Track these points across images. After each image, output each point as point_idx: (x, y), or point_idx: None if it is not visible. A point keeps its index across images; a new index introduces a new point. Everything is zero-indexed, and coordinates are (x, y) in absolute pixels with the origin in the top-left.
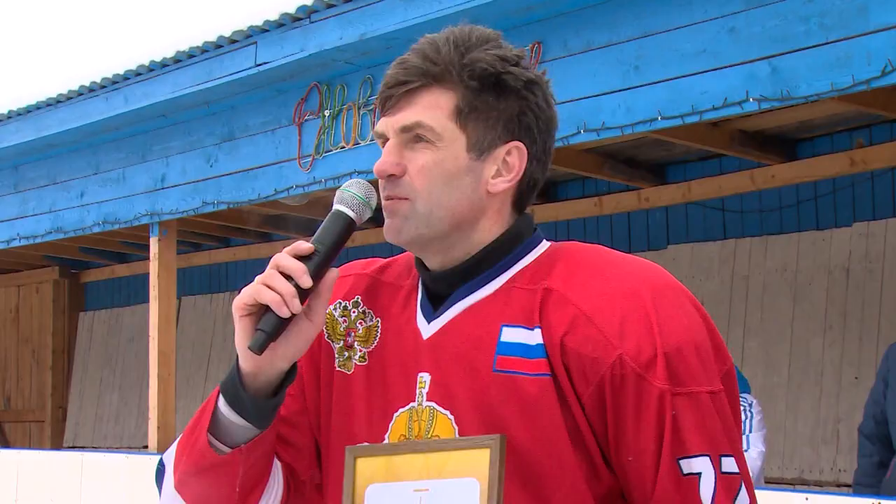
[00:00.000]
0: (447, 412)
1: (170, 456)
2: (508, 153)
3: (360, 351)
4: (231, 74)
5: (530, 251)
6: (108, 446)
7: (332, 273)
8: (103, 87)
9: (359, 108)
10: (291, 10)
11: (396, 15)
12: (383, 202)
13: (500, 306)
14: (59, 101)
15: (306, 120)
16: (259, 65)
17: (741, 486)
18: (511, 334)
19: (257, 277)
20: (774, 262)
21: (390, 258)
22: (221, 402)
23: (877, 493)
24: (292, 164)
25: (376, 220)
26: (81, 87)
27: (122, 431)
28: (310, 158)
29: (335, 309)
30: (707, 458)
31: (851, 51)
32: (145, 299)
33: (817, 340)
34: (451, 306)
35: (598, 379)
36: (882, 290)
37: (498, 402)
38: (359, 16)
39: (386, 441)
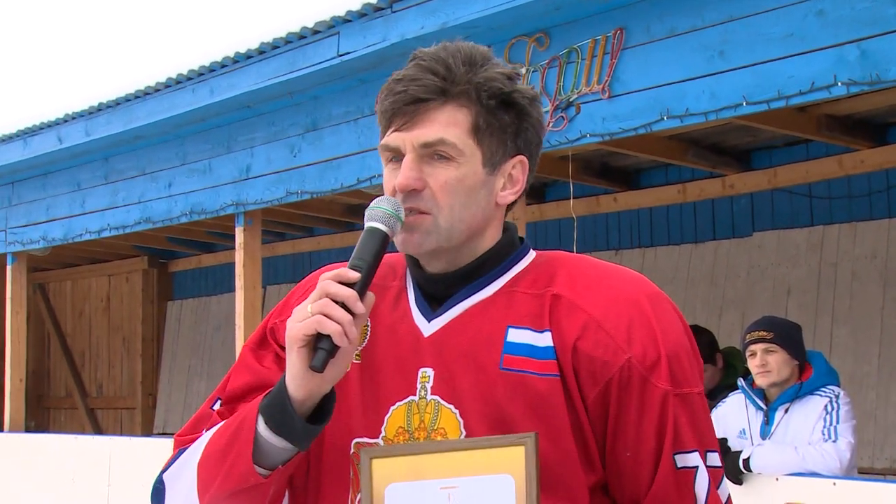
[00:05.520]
0: (451, 406)
1: (174, 477)
2: (514, 167)
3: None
4: (314, 65)
5: (523, 257)
6: None
7: (370, 296)
8: (190, 79)
9: None
10: (373, 0)
11: (478, 3)
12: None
13: (504, 308)
14: (147, 94)
15: None
16: (342, 55)
17: (723, 477)
18: (518, 335)
19: (310, 306)
20: (863, 248)
21: None
22: (263, 429)
23: None
24: (375, 153)
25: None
26: (169, 79)
27: None
28: None
29: None
30: (697, 454)
31: None
32: (231, 288)
33: None
34: (452, 306)
35: (606, 380)
36: None
37: (505, 399)
38: (440, 4)
39: (383, 433)
